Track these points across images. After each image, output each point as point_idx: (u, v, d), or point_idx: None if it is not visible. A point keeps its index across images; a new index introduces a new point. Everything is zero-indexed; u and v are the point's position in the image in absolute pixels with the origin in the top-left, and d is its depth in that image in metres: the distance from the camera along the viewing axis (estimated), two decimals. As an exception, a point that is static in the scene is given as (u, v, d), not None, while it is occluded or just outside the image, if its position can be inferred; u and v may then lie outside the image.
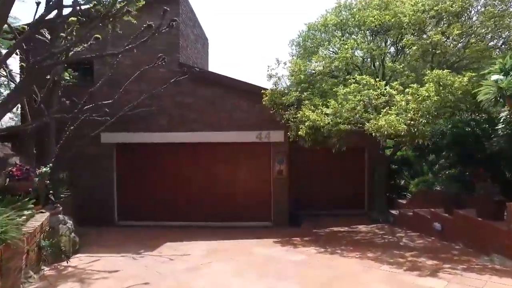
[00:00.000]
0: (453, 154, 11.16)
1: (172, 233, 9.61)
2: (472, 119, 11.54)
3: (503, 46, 7.88)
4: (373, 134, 6.84)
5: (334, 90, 8.28)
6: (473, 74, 6.64)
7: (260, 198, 11.13)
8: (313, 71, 9.59)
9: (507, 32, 7.79)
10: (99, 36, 6.45)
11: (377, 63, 8.75)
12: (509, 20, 7.53)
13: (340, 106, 7.60)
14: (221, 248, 7.80)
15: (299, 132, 8.69)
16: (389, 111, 6.63)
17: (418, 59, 8.25)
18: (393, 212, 10.86)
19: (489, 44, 8.00)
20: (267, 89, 10.01)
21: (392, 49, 9.51)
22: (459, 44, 7.69)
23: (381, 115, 6.75)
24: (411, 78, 7.78)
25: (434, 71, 6.81)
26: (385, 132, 6.48)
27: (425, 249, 7.33)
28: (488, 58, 7.61)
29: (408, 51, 8.42)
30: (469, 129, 11.62)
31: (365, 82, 7.35)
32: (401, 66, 7.99)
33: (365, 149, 12.44)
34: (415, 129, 6.50)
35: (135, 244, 8.13)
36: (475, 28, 7.56)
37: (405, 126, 6.35)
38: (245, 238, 9.06)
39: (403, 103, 6.71)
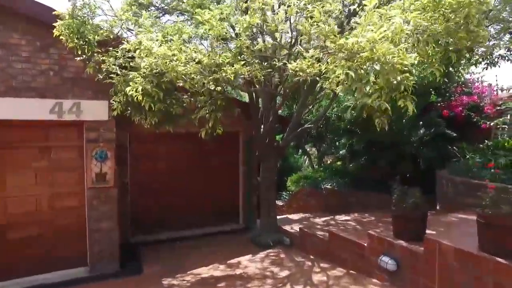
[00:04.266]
0: (357, 141, 8.42)
1: None
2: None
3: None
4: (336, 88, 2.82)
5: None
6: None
7: (62, 227, 5.93)
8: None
9: None
10: None
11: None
12: None
13: (224, 18, 3.32)
14: None
15: (130, 92, 4.01)
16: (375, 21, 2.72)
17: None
18: (288, 228, 7.32)
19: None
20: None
21: None
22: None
23: (358, 29, 2.77)
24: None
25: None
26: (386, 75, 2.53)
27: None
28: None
29: None
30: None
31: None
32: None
33: (239, 134, 8.54)
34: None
35: None
36: None
37: (415, 57, 2.61)
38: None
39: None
